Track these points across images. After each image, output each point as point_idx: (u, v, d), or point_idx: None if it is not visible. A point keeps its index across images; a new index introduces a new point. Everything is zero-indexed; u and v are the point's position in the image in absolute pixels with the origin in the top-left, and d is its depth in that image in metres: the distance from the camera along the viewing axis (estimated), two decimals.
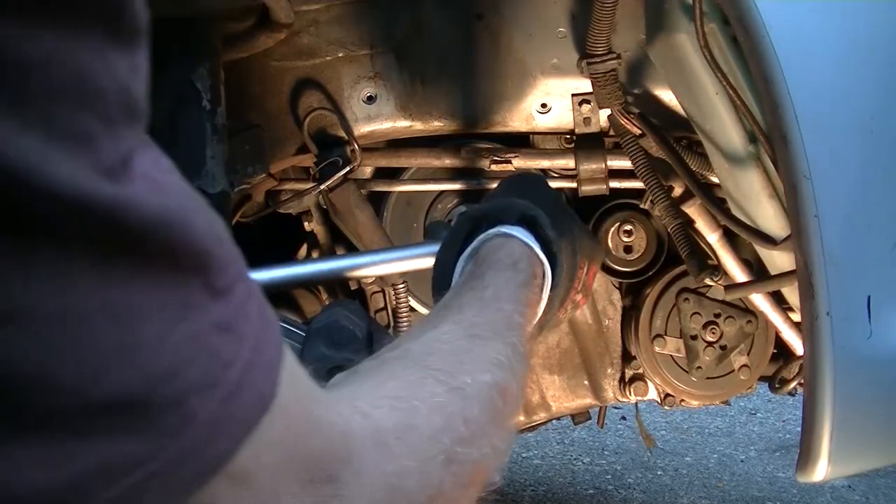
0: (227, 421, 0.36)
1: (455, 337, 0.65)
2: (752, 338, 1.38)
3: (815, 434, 0.87)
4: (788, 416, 3.03)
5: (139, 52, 0.34)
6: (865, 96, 0.88)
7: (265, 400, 0.38)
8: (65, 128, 0.30)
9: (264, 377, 0.38)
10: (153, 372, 0.33)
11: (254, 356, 0.37)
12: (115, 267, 0.32)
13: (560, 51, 1.23)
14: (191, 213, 0.35)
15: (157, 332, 0.33)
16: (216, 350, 0.36)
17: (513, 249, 0.80)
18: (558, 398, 1.49)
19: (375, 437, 0.49)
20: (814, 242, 0.84)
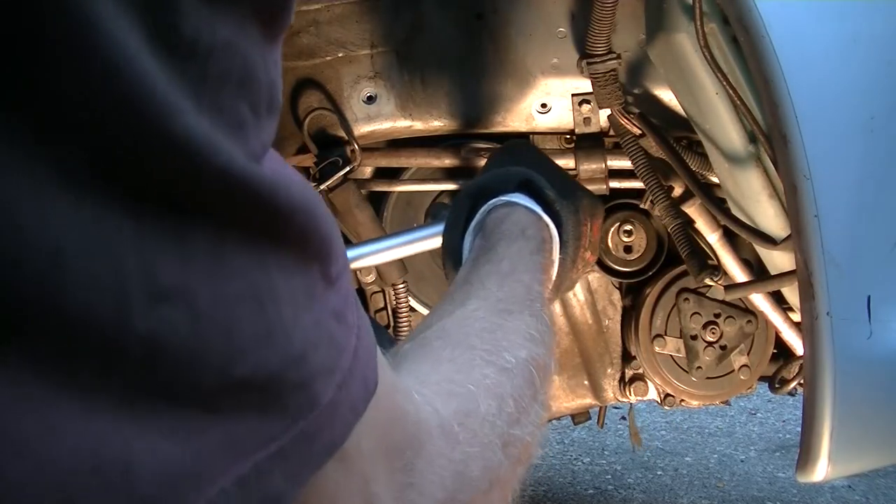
0: (342, 406, 0.37)
1: (486, 314, 0.66)
2: (752, 338, 1.38)
3: (815, 434, 0.87)
4: (788, 416, 3.03)
5: (280, 49, 0.35)
6: (865, 96, 0.88)
7: (370, 387, 0.39)
8: (228, 112, 0.31)
9: (368, 364, 0.39)
10: (288, 354, 0.34)
11: (359, 344, 0.38)
12: (261, 249, 0.32)
13: (560, 51, 1.24)
14: (317, 200, 0.35)
15: (292, 315, 0.34)
16: (334, 337, 0.36)
17: (519, 217, 0.81)
18: (558, 398, 1.49)
19: (441, 425, 0.50)
20: (814, 242, 0.84)
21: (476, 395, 0.55)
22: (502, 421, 0.55)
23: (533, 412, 0.60)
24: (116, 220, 0.28)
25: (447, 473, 0.48)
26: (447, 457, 0.49)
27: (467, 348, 0.61)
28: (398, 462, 0.45)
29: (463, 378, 0.56)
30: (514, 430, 0.56)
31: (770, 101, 0.84)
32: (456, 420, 0.52)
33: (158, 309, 0.29)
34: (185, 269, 0.30)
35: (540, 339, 0.66)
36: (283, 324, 0.33)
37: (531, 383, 0.61)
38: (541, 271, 0.77)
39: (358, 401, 0.38)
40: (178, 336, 0.30)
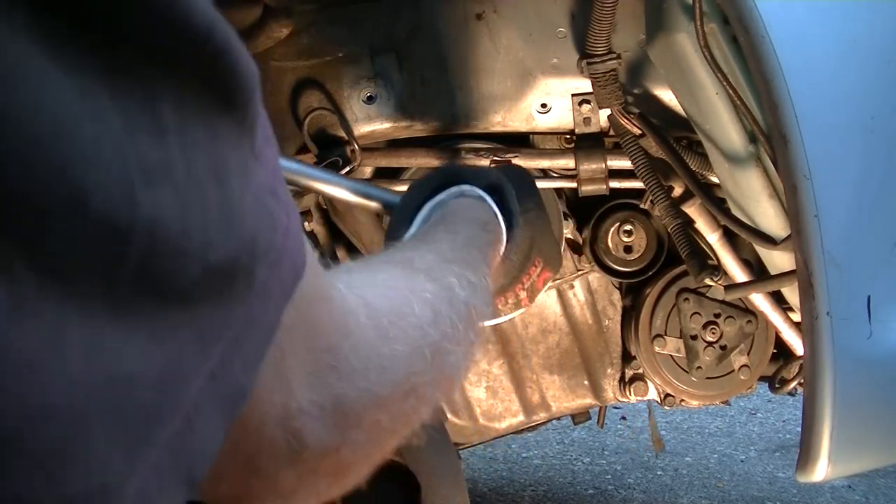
0: (275, 287, 0.36)
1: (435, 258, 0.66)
2: (752, 338, 1.38)
3: (815, 434, 0.87)
4: (788, 416, 3.03)
5: None
6: (865, 96, 0.88)
7: (298, 268, 0.38)
8: None
9: (298, 244, 0.38)
10: (241, 236, 0.32)
11: (290, 223, 0.37)
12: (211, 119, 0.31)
13: (560, 51, 1.24)
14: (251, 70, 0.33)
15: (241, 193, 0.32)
16: (272, 214, 0.35)
17: (484, 211, 0.82)
18: (558, 398, 1.49)
19: (373, 319, 0.49)
20: (814, 242, 0.84)
21: (412, 301, 0.54)
22: (436, 332, 0.55)
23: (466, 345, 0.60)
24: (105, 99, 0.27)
25: (372, 366, 0.48)
26: (376, 350, 0.48)
27: (411, 268, 0.60)
28: (322, 342, 0.44)
29: (401, 284, 0.56)
30: (447, 345, 0.56)
31: (770, 101, 0.84)
32: (388, 318, 0.51)
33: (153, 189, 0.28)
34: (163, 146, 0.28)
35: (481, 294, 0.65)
36: (237, 202, 0.32)
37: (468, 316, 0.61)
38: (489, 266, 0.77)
39: (288, 282, 0.37)
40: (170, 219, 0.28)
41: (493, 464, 2.67)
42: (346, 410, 0.46)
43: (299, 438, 0.43)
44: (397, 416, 0.52)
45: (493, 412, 1.49)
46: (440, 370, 0.55)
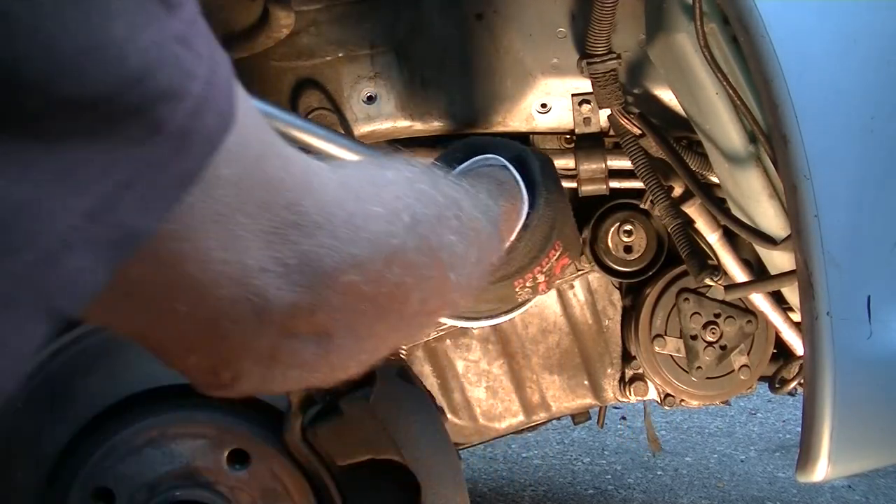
0: (194, 135, 0.36)
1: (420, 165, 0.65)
2: (752, 338, 1.38)
3: (815, 434, 0.87)
4: (788, 416, 3.03)
5: None
6: (865, 96, 0.88)
7: (226, 119, 0.38)
8: None
9: (224, 96, 0.38)
10: (121, 74, 0.32)
11: (211, 74, 0.37)
12: None
13: (560, 51, 1.23)
14: None
15: (124, 34, 0.32)
16: (180, 60, 0.35)
17: (503, 176, 0.82)
18: (558, 398, 1.49)
19: (341, 180, 0.48)
20: (814, 242, 0.84)
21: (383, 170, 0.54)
22: (411, 197, 0.54)
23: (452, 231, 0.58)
24: None
25: (340, 222, 0.47)
26: (344, 208, 0.47)
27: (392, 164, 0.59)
28: (278, 198, 0.43)
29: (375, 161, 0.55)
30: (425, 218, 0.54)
31: (770, 101, 0.84)
32: (358, 181, 0.50)
33: None
34: None
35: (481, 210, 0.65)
36: (115, 41, 0.32)
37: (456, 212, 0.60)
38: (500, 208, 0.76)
39: (213, 131, 0.37)
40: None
41: (493, 464, 2.67)
42: (315, 268, 0.45)
43: (262, 296, 0.43)
44: (378, 283, 0.50)
45: (493, 412, 1.49)
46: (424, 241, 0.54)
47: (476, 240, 0.63)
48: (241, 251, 0.41)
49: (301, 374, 0.50)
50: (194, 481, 1.19)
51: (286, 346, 0.47)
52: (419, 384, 1.30)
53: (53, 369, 1.15)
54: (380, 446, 1.17)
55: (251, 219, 0.42)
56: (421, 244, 0.54)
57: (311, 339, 0.48)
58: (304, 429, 1.16)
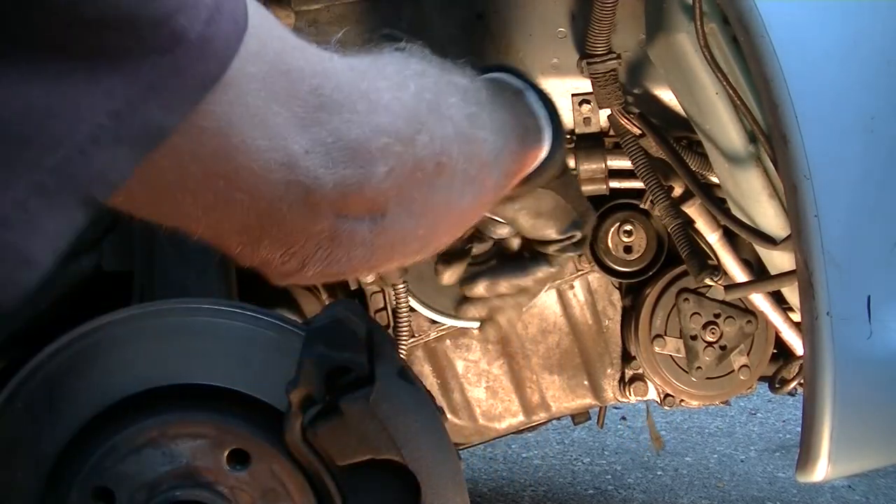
0: (213, 40, 0.39)
1: None
2: (751, 338, 1.38)
3: (815, 434, 0.87)
4: (788, 416, 3.03)
5: None
6: (865, 96, 0.88)
7: (240, 22, 0.41)
8: None
9: (237, 4, 0.41)
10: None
11: None
12: None
13: (560, 51, 1.23)
14: None
15: None
16: None
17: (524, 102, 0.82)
18: (558, 398, 1.49)
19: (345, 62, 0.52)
20: (814, 242, 0.84)
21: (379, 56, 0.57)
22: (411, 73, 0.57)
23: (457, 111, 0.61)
24: None
25: (357, 98, 0.51)
26: (355, 84, 0.51)
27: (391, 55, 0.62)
28: (302, 86, 0.47)
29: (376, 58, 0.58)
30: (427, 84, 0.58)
31: (770, 101, 0.84)
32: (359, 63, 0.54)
33: None
34: None
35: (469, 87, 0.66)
36: None
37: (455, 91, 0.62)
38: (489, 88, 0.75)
39: (230, 35, 0.41)
40: None
41: (493, 464, 2.67)
42: (349, 143, 0.49)
43: (310, 176, 0.47)
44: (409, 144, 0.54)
45: (493, 412, 1.49)
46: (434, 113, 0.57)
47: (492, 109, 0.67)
48: (282, 138, 0.45)
49: (364, 253, 0.55)
50: (194, 481, 1.19)
51: (343, 227, 0.51)
52: (419, 384, 1.30)
53: (52, 369, 1.15)
54: (380, 446, 1.16)
55: (284, 107, 0.46)
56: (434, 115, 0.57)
57: (366, 218, 0.53)
58: (304, 429, 1.16)
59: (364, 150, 0.50)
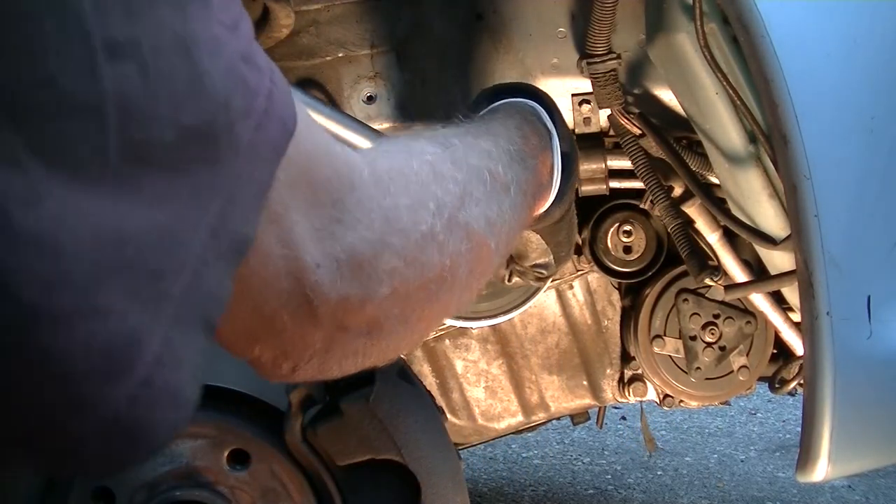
0: (263, 146, 0.39)
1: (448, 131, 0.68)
2: (751, 338, 1.38)
3: (815, 434, 0.87)
4: (788, 416, 3.03)
5: None
6: (866, 96, 0.88)
7: (288, 127, 0.41)
8: None
9: (285, 106, 0.41)
10: (215, 100, 0.35)
11: (273, 86, 0.40)
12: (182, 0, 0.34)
13: (560, 51, 1.23)
14: None
15: (209, 64, 0.35)
16: (246, 80, 0.38)
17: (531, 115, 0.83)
18: (557, 398, 1.49)
19: (374, 174, 0.52)
20: (814, 242, 0.84)
21: (410, 159, 0.57)
22: (437, 188, 0.57)
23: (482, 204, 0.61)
24: None
25: (376, 216, 0.50)
26: (377, 201, 0.51)
27: (414, 137, 0.63)
28: (325, 197, 0.47)
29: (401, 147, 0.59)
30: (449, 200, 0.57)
31: (770, 100, 0.84)
32: (388, 173, 0.54)
33: (117, 65, 0.31)
34: (131, 22, 0.31)
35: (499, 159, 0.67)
36: (207, 70, 0.35)
37: (481, 181, 0.62)
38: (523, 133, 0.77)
39: (279, 141, 0.40)
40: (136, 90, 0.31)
41: (493, 464, 2.67)
42: (359, 260, 0.49)
43: (317, 291, 0.46)
44: (419, 266, 0.54)
45: (492, 412, 1.49)
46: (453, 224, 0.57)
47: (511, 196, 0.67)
48: (297, 248, 0.45)
49: (355, 361, 0.54)
50: (194, 481, 1.19)
51: (340, 339, 0.51)
52: (419, 384, 1.30)
53: None
54: (380, 446, 1.16)
55: (304, 217, 0.45)
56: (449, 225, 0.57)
57: (363, 331, 0.52)
58: (304, 429, 1.16)
59: (371, 270, 0.50)
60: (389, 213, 0.51)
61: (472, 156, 0.64)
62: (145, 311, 0.33)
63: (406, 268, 0.52)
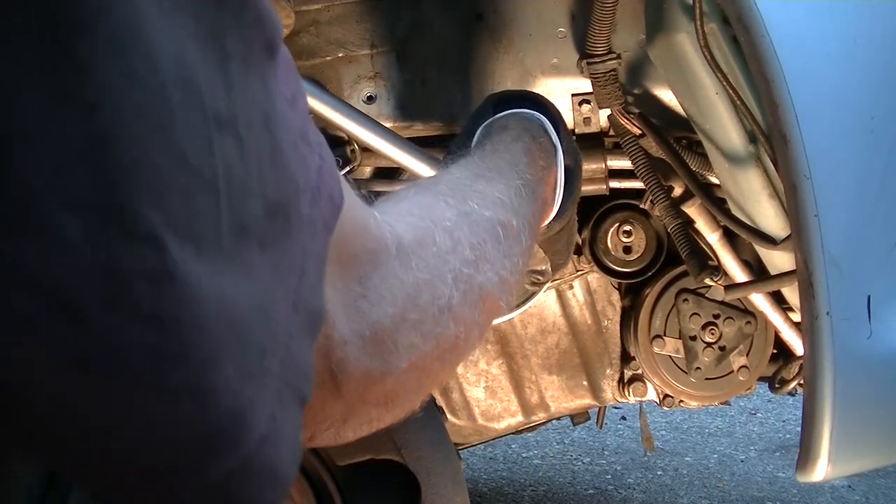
0: (317, 222, 0.39)
1: (462, 175, 0.69)
2: (751, 338, 1.38)
3: (815, 434, 0.87)
4: (788, 416, 3.03)
5: None
6: (866, 96, 0.88)
7: (337, 203, 0.41)
8: None
9: (333, 182, 0.41)
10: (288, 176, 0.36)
11: (322, 162, 0.40)
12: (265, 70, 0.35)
13: (560, 51, 1.23)
14: None
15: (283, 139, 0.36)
16: (304, 155, 0.38)
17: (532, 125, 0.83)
18: (557, 398, 1.49)
19: (399, 248, 0.52)
20: (814, 242, 0.84)
21: (433, 230, 0.57)
22: (455, 259, 0.58)
23: (496, 262, 0.62)
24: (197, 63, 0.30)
25: (398, 293, 0.50)
26: (400, 278, 0.51)
27: (434, 194, 0.63)
28: (354, 272, 0.47)
29: (424, 213, 0.59)
30: (467, 270, 0.58)
31: (770, 100, 0.84)
32: (412, 248, 0.54)
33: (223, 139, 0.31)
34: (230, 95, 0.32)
35: (510, 205, 0.68)
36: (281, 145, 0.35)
37: (495, 237, 0.64)
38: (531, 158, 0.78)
39: (329, 217, 0.40)
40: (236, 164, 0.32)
41: (493, 464, 2.67)
42: (382, 336, 0.49)
43: (342, 367, 0.46)
44: (434, 338, 0.54)
45: (492, 412, 1.49)
46: (465, 291, 0.58)
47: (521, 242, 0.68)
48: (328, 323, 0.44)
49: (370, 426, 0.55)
50: None
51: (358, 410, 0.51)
52: None
53: None
54: (380, 446, 1.16)
55: (335, 292, 0.45)
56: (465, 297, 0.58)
57: (381, 402, 0.53)
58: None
59: (392, 345, 0.50)
60: (411, 289, 0.52)
61: (487, 210, 0.65)
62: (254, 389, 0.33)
63: (424, 342, 0.53)
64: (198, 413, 0.31)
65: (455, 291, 0.56)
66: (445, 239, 0.58)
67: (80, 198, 0.27)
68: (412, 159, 1.08)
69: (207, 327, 0.30)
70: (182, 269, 0.29)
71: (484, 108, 0.88)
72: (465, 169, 0.71)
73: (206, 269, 0.30)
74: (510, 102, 0.87)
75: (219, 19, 0.32)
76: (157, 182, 0.28)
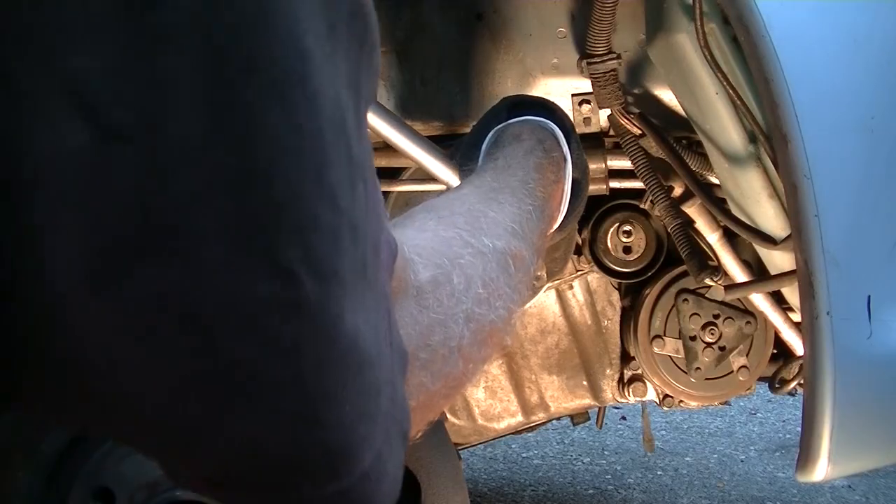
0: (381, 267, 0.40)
1: (475, 199, 0.70)
2: (751, 339, 1.38)
3: (815, 434, 0.87)
4: (788, 416, 3.03)
5: None
6: (866, 96, 0.88)
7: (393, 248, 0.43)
8: None
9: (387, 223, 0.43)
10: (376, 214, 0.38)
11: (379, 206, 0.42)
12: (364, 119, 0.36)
13: (560, 51, 1.23)
14: None
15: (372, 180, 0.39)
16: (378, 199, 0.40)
17: (542, 134, 0.83)
18: (557, 398, 1.49)
19: (417, 289, 0.54)
20: (814, 242, 0.84)
21: (450, 271, 0.58)
22: (468, 298, 0.58)
23: (505, 297, 0.63)
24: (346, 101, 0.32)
25: (413, 332, 0.51)
26: (415, 318, 0.52)
27: (450, 226, 0.64)
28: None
29: (442, 251, 0.60)
30: (478, 309, 0.59)
31: (770, 100, 0.84)
32: (427, 288, 0.55)
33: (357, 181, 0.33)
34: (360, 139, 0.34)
35: (521, 234, 0.69)
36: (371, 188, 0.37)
37: (506, 271, 0.64)
38: (542, 174, 0.78)
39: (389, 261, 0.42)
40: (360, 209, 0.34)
41: (493, 464, 2.67)
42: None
43: None
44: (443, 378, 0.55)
45: (492, 412, 1.49)
46: (476, 331, 0.59)
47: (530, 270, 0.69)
48: None
49: None
50: None
51: None
52: None
53: None
54: None
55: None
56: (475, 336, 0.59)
57: None
58: None
59: None
60: (424, 329, 0.53)
61: (500, 240, 0.66)
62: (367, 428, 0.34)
63: (433, 382, 0.54)
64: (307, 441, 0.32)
65: (466, 331, 0.57)
66: (461, 279, 0.59)
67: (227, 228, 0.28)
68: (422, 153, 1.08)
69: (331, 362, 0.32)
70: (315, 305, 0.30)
71: (498, 110, 0.88)
72: (479, 191, 0.72)
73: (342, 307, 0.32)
74: (525, 108, 0.87)
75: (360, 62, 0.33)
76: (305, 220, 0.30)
